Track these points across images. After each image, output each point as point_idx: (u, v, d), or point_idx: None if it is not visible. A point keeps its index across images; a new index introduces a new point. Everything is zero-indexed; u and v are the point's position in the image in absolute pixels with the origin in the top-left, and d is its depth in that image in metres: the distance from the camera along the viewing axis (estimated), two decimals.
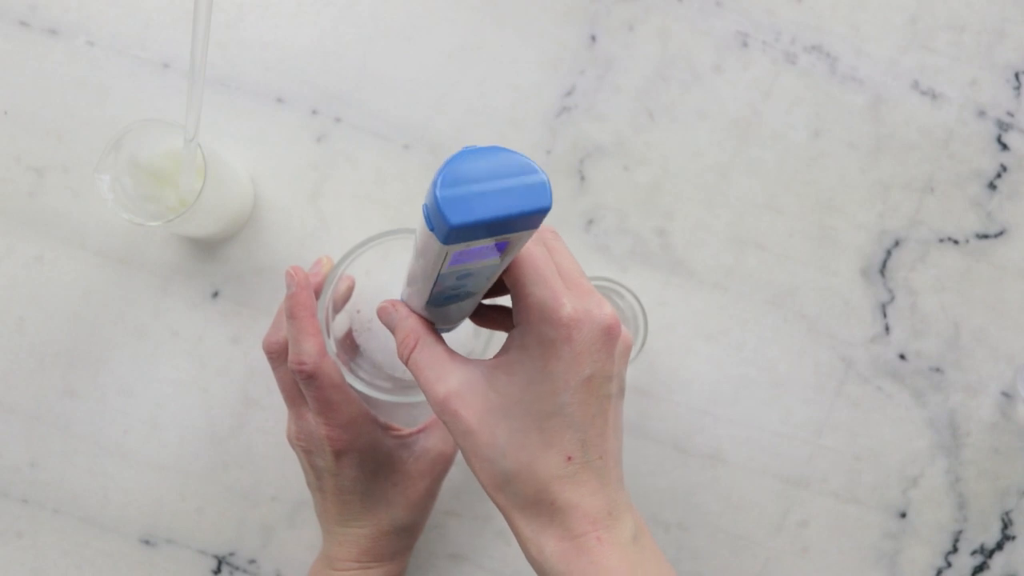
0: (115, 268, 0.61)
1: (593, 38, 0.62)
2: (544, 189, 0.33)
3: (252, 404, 0.61)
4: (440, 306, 0.41)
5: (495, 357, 0.41)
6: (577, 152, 0.62)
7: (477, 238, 0.33)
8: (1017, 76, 0.62)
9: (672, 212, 0.62)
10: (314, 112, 0.61)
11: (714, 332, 0.62)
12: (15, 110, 0.61)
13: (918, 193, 0.62)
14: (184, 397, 0.61)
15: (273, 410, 0.61)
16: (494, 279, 0.40)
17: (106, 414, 0.61)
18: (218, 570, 0.61)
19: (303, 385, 0.51)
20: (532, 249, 0.40)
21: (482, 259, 0.36)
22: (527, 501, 0.39)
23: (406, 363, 0.42)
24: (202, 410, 0.61)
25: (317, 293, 0.52)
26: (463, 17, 0.62)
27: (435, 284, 0.37)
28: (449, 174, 0.32)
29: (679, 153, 0.62)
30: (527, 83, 0.62)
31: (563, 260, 0.41)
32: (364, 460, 0.53)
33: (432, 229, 0.33)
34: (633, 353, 0.58)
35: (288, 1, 0.61)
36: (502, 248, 0.35)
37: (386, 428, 0.55)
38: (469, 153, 0.33)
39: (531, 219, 0.33)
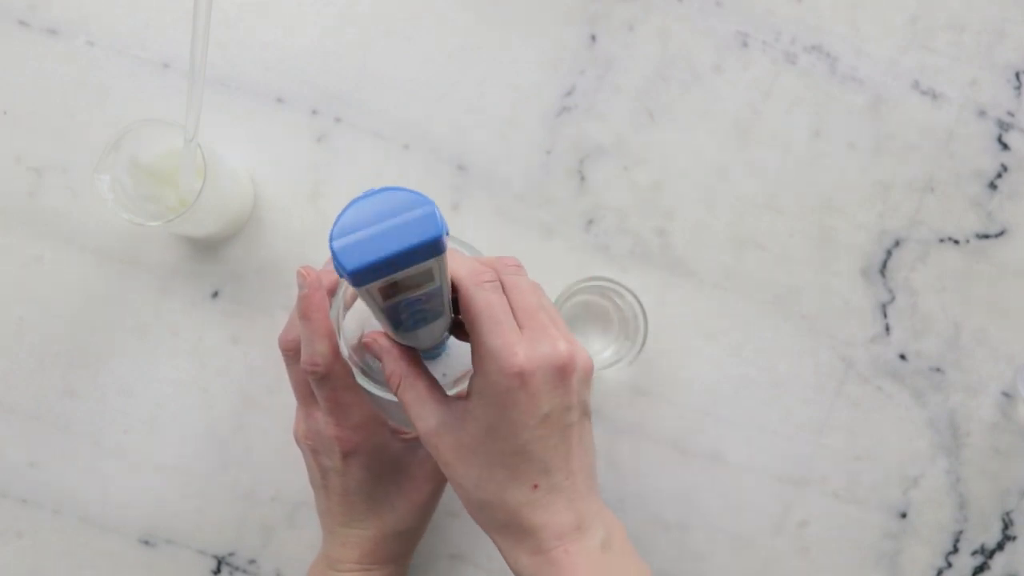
0: (115, 268, 0.61)
1: (593, 38, 0.62)
2: (432, 219, 0.34)
3: (252, 404, 0.61)
4: (410, 331, 0.43)
5: (464, 400, 0.43)
6: (577, 152, 0.62)
7: (384, 275, 0.34)
8: (1017, 76, 0.62)
9: (672, 212, 0.62)
10: (314, 112, 0.61)
11: (714, 332, 0.62)
12: (15, 110, 0.61)
13: (918, 193, 0.62)
14: (184, 397, 0.61)
15: (273, 410, 0.61)
16: (447, 300, 0.41)
17: (106, 414, 0.61)
18: (218, 570, 0.61)
19: (315, 386, 0.51)
20: (485, 297, 0.41)
21: (414, 291, 0.37)
22: (501, 524, 0.43)
23: (396, 397, 0.45)
24: (202, 410, 0.61)
25: (332, 291, 0.52)
26: (463, 17, 0.62)
27: (387, 315, 0.39)
28: (342, 224, 0.34)
29: (679, 153, 0.62)
30: (527, 83, 0.62)
31: (520, 296, 0.43)
32: (371, 462, 0.53)
33: (343, 276, 0.34)
34: (633, 353, 0.58)
35: (288, 1, 0.62)
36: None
37: (394, 431, 0.55)
38: (361, 200, 0.34)
39: (428, 248, 0.34)
